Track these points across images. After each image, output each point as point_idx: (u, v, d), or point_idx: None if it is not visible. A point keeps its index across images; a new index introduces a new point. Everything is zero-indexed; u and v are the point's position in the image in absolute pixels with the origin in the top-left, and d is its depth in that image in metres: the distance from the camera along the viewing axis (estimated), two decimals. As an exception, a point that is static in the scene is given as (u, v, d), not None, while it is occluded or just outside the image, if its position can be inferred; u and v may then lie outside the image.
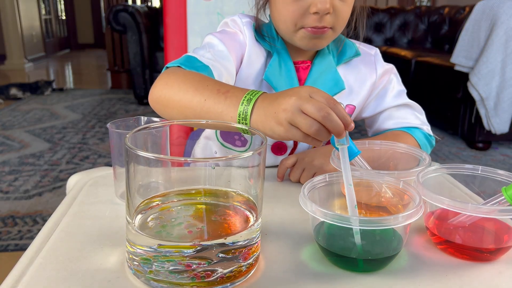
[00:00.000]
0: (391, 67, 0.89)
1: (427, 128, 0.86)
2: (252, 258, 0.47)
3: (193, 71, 0.70)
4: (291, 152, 0.86)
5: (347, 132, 0.54)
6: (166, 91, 0.67)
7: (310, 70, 0.83)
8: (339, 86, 0.83)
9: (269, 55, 0.83)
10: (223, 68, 0.76)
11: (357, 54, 0.86)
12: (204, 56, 0.75)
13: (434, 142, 0.87)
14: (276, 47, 0.82)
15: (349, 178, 0.52)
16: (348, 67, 0.86)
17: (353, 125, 0.53)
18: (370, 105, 0.88)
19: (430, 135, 0.86)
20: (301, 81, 0.83)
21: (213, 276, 0.43)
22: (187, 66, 0.71)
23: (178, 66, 0.71)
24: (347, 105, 0.83)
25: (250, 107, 0.57)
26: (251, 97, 0.58)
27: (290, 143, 0.86)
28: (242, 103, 0.58)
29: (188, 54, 0.76)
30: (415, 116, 0.86)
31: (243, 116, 0.58)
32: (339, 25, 0.76)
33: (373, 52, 0.88)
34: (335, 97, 0.80)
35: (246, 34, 0.81)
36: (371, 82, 0.86)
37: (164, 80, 0.68)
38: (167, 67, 0.73)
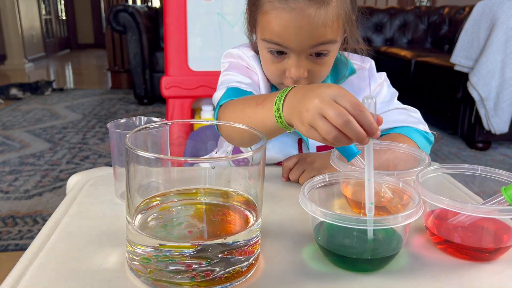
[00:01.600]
0: (382, 79, 0.89)
1: (423, 127, 0.85)
2: (252, 258, 0.47)
3: (239, 99, 0.75)
4: None
5: None
6: (225, 127, 0.73)
7: None
8: None
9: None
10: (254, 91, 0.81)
11: (352, 72, 0.86)
12: (242, 83, 0.81)
13: (432, 139, 0.85)
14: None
15: (371, 173, 0.51)
16: (344, 85, 0.84)
17: (379, 132, 0.51)
18: None
19: (427, 133, 0.85)
20: None
21: (213, 276, 0.43)
22: (235, 97, 0.76)
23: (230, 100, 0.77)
24: None
25: (281, 104, 0.60)
26: (282, 95, 0.61)
27: None
28: (275, 103, 0.60)
29: (229, 86, 0.81)
30: (407, 115, 0.85)
31: (277, 114, 0.60)
32: (317, 81, 0.78)
33: (368, 65, 0.88)
34: None
35: (257, 70, 0.84)
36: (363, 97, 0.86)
37: (223, 118, 0.76)
38: (220, 105, 0.78)
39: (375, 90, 0.88)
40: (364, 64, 0.89)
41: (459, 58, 2.72)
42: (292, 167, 0.74)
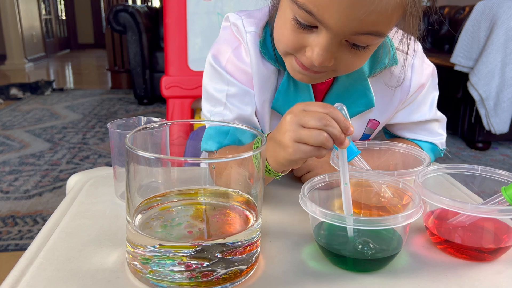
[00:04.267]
0: (427, 75, 0.75)
1: (440, 142, 0.80)
2: (252, 258, 0.47)
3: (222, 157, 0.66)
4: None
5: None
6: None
7: (334, 83, 0.71)
8: (368, 103, 0.72)
9: (280, 73, 0.71)
10: (247, 110, 0.71)
11: (394, 62, 0.71)
12: (226, 117, 0.71)
13: (442, 154, 0.82)
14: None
15: (346, 177, 0.52)
16: (379, 77, 0.73)
17: (352, 129, 0.52)
18: (398, 115, 0.78)
19: (440, 149, 0.81)
20: (319, 99, 0.72)
21: (213, 276, 0.43)
22: (224, 142, 0.68)
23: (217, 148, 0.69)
24: (370, 120, 0.76)
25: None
26: (258, 146, 0.56)
27: None
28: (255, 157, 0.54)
29: (214, 125, 0.70)
30: (436, 128, 0.80)
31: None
32: (342, 71, 0.63)
33: (413, 54, 0.73)
34: (360, 115, 0.74)
35: (250, 51, 0.69)
36: (401, 98, 0.74)
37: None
38: (205, 150, 0.71)
39: (416, 90, 0.74)
40: (410, 53, 0.72)
41: (459, 58, 2.72)
42: None
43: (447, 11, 3.96)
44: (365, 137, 0.79)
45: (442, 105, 3.06)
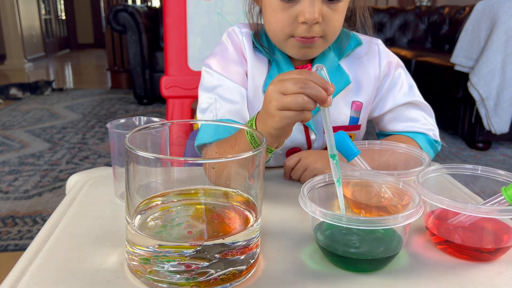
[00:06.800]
0: (396, 59, 0.86)
1: (433, 133, 0.83)
2: (252, 258, 0.47)
3: (213, 146, 0.73)
4: None
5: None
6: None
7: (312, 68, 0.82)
8: (344, 80, 0.81)
9: (269, 63, 0.82)
10: (238, 104, 0.78)
11: (359, 43, 0.84)
12: (218, 111, 0.77)
13: (439, 148, 0.84)
14: (274, 56, 0.80)
15: (332, 144, 0.54)
16: (351, 60, 0.83)
17: (332, 89, 0.54)
18: (380, 105, 0.85)
19: (436, 141, 0.83)
20: None
21: (213, 276, 0.43)
22: (215, 137, 0.73)
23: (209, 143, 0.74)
24: (353, 102, 0.82)
25: (254, 133, 0.60)
26: (251, 122, 0.63)
27: (304, 147, 0.83)
28: (248, 133, 0.60)
29: (206, 123, 0.77)
30: (423, 119, 0.83)
31: (253, 141, 0.60)
32: (329, 34, 0.74)
33: (375, 41, 0.86)
34: (341, 92, 0.80)
35: (245, 46, 0.81)
36: (374, 73, 0.83)
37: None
38: (197, 146, 0.76)
39: (387, 68, 0.84)
40: (371, 39, 0.86)
41: (460, 58, 2.72)
42: (293, 166, 0.74)
43: (447, 11, 3.97)
44: (353, 120, 0.83)
45: (442, 105, 3.08)
